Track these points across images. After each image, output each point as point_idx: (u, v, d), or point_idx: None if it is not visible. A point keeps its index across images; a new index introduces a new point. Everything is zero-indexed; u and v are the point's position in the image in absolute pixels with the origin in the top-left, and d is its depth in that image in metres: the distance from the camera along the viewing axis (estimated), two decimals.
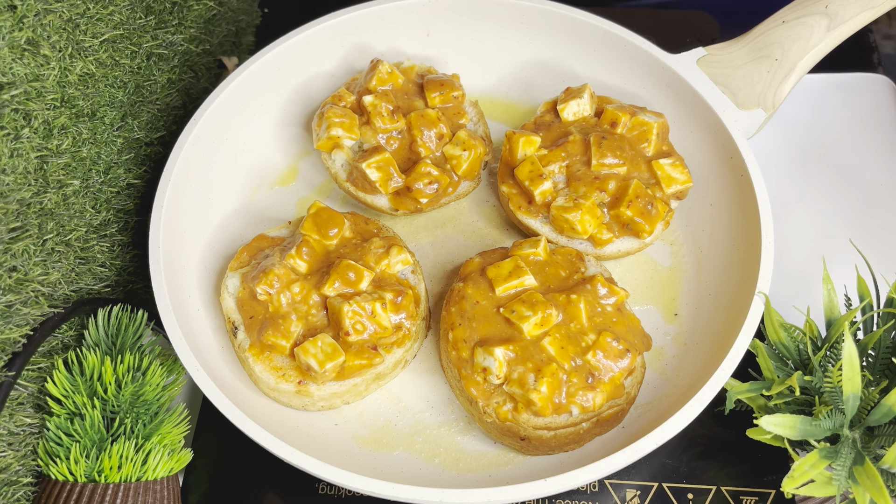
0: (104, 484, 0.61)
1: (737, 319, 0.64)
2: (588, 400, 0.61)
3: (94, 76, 0.67)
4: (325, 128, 0.75)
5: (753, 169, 0.70)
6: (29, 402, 0.64)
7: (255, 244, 0.72)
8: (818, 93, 0.88)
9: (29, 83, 0.59)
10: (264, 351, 0.66)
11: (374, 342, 0.66)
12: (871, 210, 0.80)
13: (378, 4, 0.82)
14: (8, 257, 0.59)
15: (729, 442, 0.69)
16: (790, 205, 0.81)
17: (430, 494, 0.57)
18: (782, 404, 0.62)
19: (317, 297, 0.67)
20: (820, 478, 0.57)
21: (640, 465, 0.68)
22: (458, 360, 0.65)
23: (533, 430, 0.62)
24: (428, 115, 0.76)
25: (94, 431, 0.63)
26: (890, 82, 0.89)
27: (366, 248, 0.70)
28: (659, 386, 0.68)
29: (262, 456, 0.65)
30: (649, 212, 0.70)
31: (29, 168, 0.60)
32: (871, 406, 0.57)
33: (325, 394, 0.66)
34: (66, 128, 0.64)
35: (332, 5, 0.82)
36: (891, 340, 0.61)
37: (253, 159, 0.82)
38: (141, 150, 0.77)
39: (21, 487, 0.62)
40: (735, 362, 0.61)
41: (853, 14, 0.72)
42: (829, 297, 0.62)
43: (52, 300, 0.65)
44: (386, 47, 0.85)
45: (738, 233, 0.71)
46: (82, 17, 0.64)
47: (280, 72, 0.81)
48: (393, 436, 0.68)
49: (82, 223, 0.69)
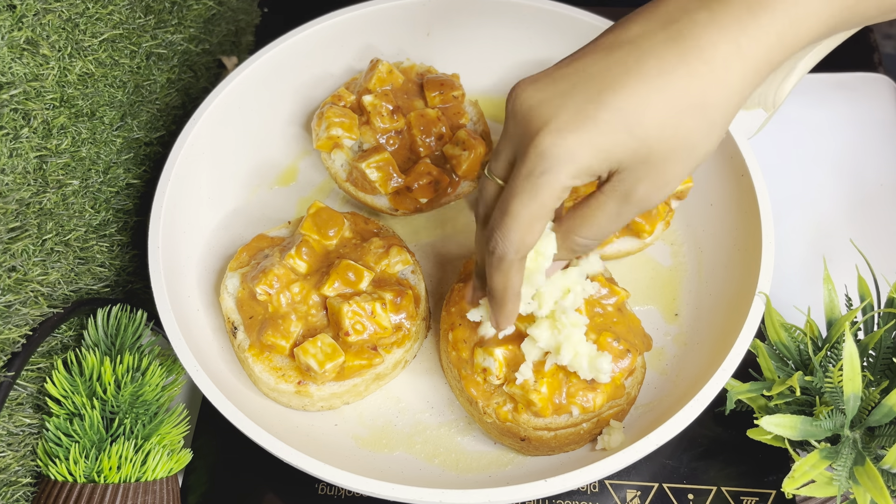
0: (103, 484, 0.61)
1: (737, 319, 0.64)
2: (588, 400, 0.61)
3: (94, 76, 0.67)
4: (324, 128, 0.75)
5: (754, 169, 0.70)
6: (28, 403, 0.64)
7: (255, 244, 0.72)
8: (818, 93, 0.88)
9: (28, 83, 0.59)
10: (264, 351, 0.66)
11: (374, 342, 0.66)
12: (871, 210, 0.80)
13: (378, 4, 0.82)
14: (7, 257, 0.59)
15: (729, 442, 0.69)
16: (790, 205, 0.81)
17: (430, 495, 0.57)
18: (783, 404, 0.62)
19: (316, 298, 0.67)
20: (820, 478, 0.57)
21: (641, 465, 0.68)
22: (458, 361, 0.65)
23: (533, 430, 0.62)
24: (428, 114, 0.76)
25: (93, 432, 0.62)
26: (890, 82, 0.89)
27: (366, 248, 0.70)
28: (659, 386, 0.68)
29: (262, 456, 0.65)
30: (649, 212, 0.70)
31: (28, 168, 0.60)
32: (872, 406, 0.57)
33: (325, 394, 0.66)
34: (65, 127, 0.64)
35: (332, 5, 0.82)
36: (891, 340, 0.61)
37: (253, 159, 0.82)
38: (140, 149, 0.77)
39: (20, 488, 0.62)
40: (735, 362, 0.61)
41: None
42: (830, 297, 0.62)
43: (51, 300, 0.65)
44: (386, 47, 0.85)
45: (739, 233, 0.71)
46: (81, 16, 0.64)
47: (280, 72, 0.81)
48: (393, 436, 0.68)
49: (81, 223, 0.69)
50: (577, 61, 0.47)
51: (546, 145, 0.46)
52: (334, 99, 0.77)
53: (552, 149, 0.46)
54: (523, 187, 0.47)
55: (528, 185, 0.47)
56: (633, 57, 0.45)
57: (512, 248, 0.50)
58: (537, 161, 0.46)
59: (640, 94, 0.45)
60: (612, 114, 0.45)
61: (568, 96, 0.46)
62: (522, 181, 0.47)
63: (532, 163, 0.46)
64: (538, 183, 0.46)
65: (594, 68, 0.46)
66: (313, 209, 0.71)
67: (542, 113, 0.46)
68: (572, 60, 0.48)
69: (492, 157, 0.52)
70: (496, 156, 0.51)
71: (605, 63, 0.46)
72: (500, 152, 0.50)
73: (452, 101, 0.78)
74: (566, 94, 0.46)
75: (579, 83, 0.46)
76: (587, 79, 0.46)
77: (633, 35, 0.46)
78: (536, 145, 0.46)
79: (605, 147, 0.45)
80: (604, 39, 0.48)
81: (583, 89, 0.46)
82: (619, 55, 0.46)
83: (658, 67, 0.45)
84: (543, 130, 0.46)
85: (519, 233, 0.49)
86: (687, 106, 0.45)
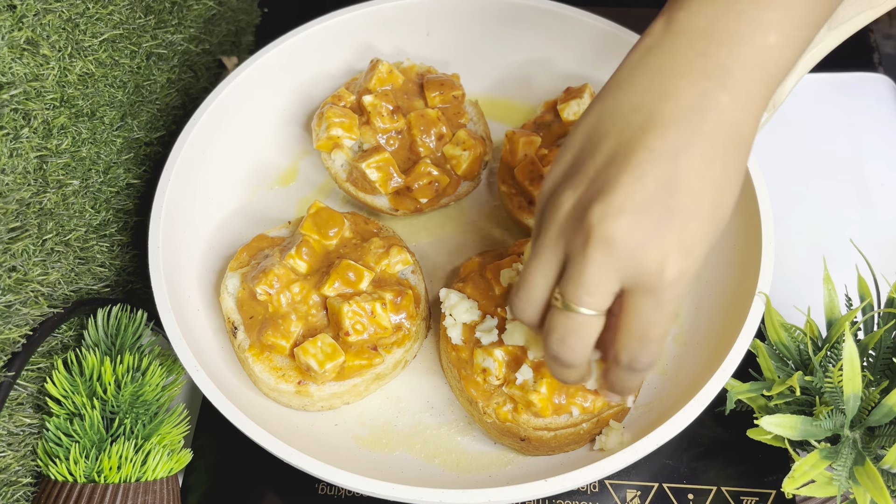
0: (104, 484, 0.61)
1: (737, 319, 0.64)
2: (588, 400, 0.61)
3: (94, 76, 0.67)
4: (324, 128, 0.75)
5: (754, 169, 0.70)
6: (28, 403, 0.64)
7: (255, 244, 0.72)
8: (818, 93, 0.88)
9: (28, 83, 0.59)
10: (264, 351, 0.66)
11: (374, 342, 0.66)
12: (871, 210, 0.80)
13: (378, 4, 0.82)
14: (7, 257, 0.59)
15: (729, 442, 0.69)
16: (790, 205, 0.81)
17: (430, 495, 0.57)
18: (783, 404, 0.62)
19: (317, 298, 0.67)
20: (820, 478, 0.57)
21: (641, 465, 0.68)
22: (458, 361, 0.65)
23: (533, 430, 0.62)
24: (428, 114, 0.76)
25: (93, 432, 0.63)
26: (890, 82, 0.89)
27: (366, 248, 0.70)
28: (659, 386, 0.68)
29: (262, 456, 0.65)
30: None
31: (28, 168, 0.60)
32: (872, 406, 0.57)
33: (325, 394, 0.66)
34: (65, 128, 0.64)
35: (332, 5, 0.82)
36: (891, 340, 0.61)
37: (253, 159, 0.82)
38: (140, 149, 0.77)
39: (20, 488, 0.62)
40: (735, 362, 0.61)
41: (853, 14, 0.72)
42: (830, 297, 0.62)
43: (51, 300, 0.65)
44: (386, 47, 0.85)
45: (739, 233, 0.71)
46: (82, 16, 0.64)
47: (280, 72, 0.81)
48: (393, 436, 0.68)
49: (82, 223, 0.69)
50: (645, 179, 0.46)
51: (674, 276, 0.46)
52: (334, 99, 0.77)
53: (680, 276, 0.47)
54: (661, 315, 0.48)
55: (665, 312, 0.48)
56: (697, 159, 0.46)
57: (654, 362, 0.51)
58: (670, 291, 0.47)
59: (720, 193, 0.47)
60: (707, 223, 0.47)
61: (667, 225, 0.46)
62: (657, 310, 0.48)
63: (666, 294, 0.47)
64: (670, 305, 0.48)
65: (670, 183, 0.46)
66: (313, 209, 0.71)
67: (656, 248, 0.46)
68: (638, 177, 0.46)
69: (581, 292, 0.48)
70: (594, 293, 0.48)
71: (677, 174, 0.46)
72: (598, 289, 0.48)
73: (452, 101, 0.78)
74: (665, 221, 0.46)
75: (667, 205, 0.46)
76: (671, 197, 0.46)
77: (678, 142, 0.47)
78: (666, 279, 0.46)
79: (707, 250, 0.48)
80: (651, 143, 0.47)
81: (676, 210, 0.46)
82: (687, 160, 0.46)
83: (722, 164, 0.47)
84: (666, 264, 0.46)
85: (660, 350, 0.50)
86: (739, 181, 0.48)
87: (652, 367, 0.51)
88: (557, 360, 0.51)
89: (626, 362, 0.50)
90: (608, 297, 0.48)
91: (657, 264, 0.46)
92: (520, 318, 0.53)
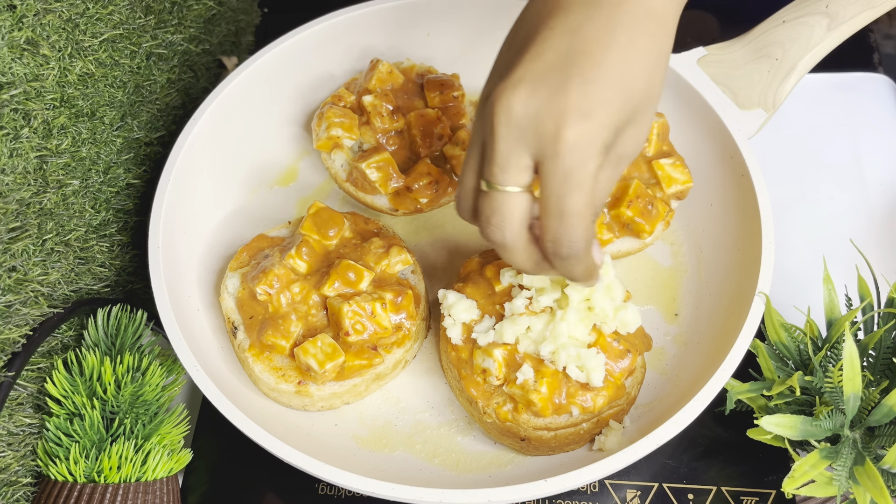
0: (104, 484, 0.61)
1: (737, 319, 0.64)
2: (588, 400, 0.61)
3: (94, 76, 0.67)
4: (324, 128, 0.75)
5: (754, 169, 0.70)
6: (28, 403, 0.64)
7: (255, 244, 0.72)
8: (818, 93, 0.88)
9: (28, 83, 0.59)
10: (264, 351, 0.66)
11: (374, 342, 0.66)
12: (871, 210, 0.80)
13: (378, 4, 0.82)
14: (7, 257, 0.59)
15: (729, 442, 0.69)
16: (790, 205, 0.81)
17: (430, 495, 0.57)
18: (783, 404, 0.62)
19: (317, 298, 0.67)
20: (820, 478, 0.57)
21: (641, 465, 0.68)
22: (458, 361, 0.65)
23: (533, 430, 0.62)
24: (428, 114, 0.76)
25: (93, 432, 0.63)
26: (890, 82, 0.89)
27: (366, 248, 0.70)
28: (659, 386, 0.68)
29: (262, 456, 0.65)
30: (649, 212, 0.70)
31: (28, 168, 0.60)
32: (872, 406, 0.57)
33: (325, 394, 0.66)
34: (65, 128, 0.64)
35: (332, 5, 0.82)
36: (891, 340, 0.61)
37: (253, 159, 0.82)
38: (140, 149, 0.77)
39: (21, 488, 0.62)
40: (735, 362, 0.61)
41: (854, 14, 0.72)
42: (830, 297, 0.62)
43: (51, 300, 0.65)
44: (386, 47, 0.85)
45: (739, 233, 0.71)
46: (82, 16, 0.64)
47: (280, 72, 0.81)
48: (393, 436, 0.68)
49: (82, 223, 0.69)
50: (545, 52, 0.48)
51: (573, 139, 0.47)
52: (334, 99, 0.77)
53: (580, 140, 0.47)
54: (570, 185, 0.48)
55: (573, 181, 0.48)
56: (597, 30, 0.48)
57: (583, 244, 0.50)
58: (572, 155, 0.47)
59: (624, 62, 0.48)
60: (609, 89, 0.47)
61: (564, 90, 0.47)
62: (565, 179, 0.48)
63: (568, 159, 0.47)
64: (581, 175, 0.48)
65: (569, 53, 0.48)
66: (313, 209, 0.71)
67: (552, 112, 0.47)
68: (539, 52, 0.48)
69: (495, 169, 0.50)
70: (505, 167, 0.49)
71: (576, 45, 0.48)
72: (508, 163, 0.49)
73: (452, 101, 0.78)
74: (561, 87, 0.47)
75: (565, 72, 0.47)
76: (569, 66, 0.47)
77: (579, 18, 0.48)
78: (565, 142, 0.47)
79: (613, 119, 0.48)
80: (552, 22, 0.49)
81: (574, 76, 0.47)
82: (586, 32, 0.48)
83: (627, 35, 0.48)
84: (563, 126, 0.47)
85: (584, 228, 0.50)
86: (655, 61, 0.50)
87: (579, 253, 0.50)
88: (493, 242, 0.52)
89: (549, 243, 0.50)
90: (523, 172, 0.49)
91: (555, 127, 0.47)
92: (460, 215, 0.55)
